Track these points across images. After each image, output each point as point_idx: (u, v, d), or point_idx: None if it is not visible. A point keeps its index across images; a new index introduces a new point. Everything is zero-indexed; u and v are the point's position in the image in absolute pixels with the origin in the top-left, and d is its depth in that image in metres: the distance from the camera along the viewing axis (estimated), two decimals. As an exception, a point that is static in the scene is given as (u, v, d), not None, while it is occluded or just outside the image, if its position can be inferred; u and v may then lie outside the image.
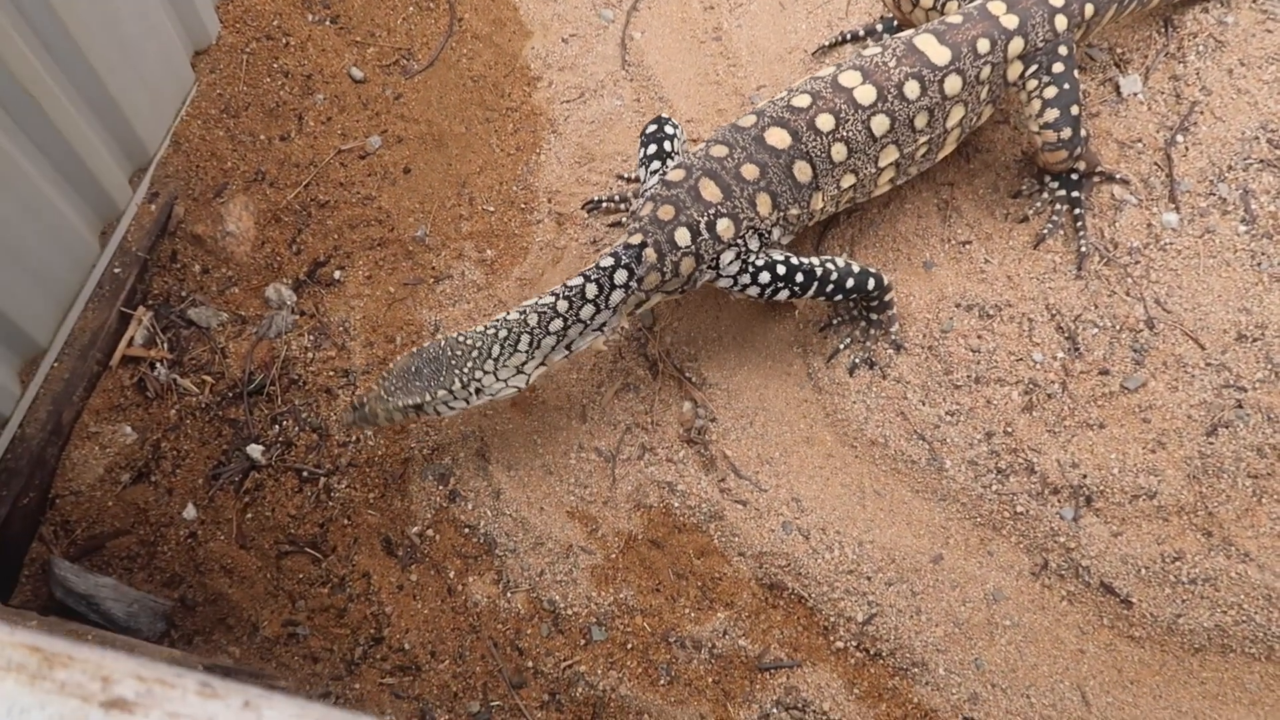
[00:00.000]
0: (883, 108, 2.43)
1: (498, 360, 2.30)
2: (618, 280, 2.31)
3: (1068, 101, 2.59)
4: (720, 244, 2.36)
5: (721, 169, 2.36)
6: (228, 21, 3.14)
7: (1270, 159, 2.81)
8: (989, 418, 2.58)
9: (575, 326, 2.33)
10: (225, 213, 2.86)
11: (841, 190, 2.49)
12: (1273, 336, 2.60)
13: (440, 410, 2.34)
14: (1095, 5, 2.65)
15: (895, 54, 2.48)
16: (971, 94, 2.53)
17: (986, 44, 2.50)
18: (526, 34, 3.22)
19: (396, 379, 2.31)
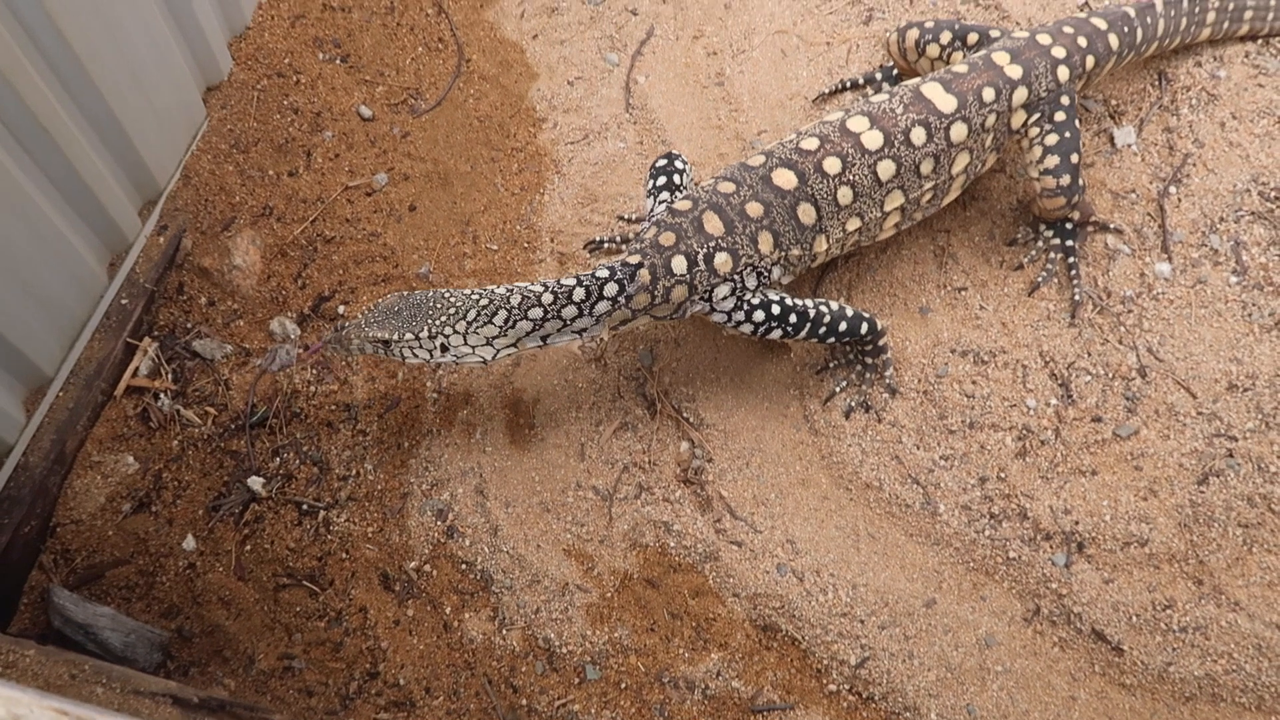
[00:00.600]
0: (889, 153, 2.48)
1: (470, 324, 2.33)
2: (607, 292, 2.35)
3: (1068, 149, 2.65)
4: (715, 277, 2.40)
5: (727, 204, 2.41)
6: (240, 59, 3.20)
7: (1261, 211, 2.86)
8: (983, 463, 2.61)
9: (554, 322, 2.37)
10: (233, 246, 2.90)
11: (847, 233, 2.53)
12: (1263, 387, 2.63)
13: (404, 354, 2.36)
14: (1096, 57, 2.72)
15: (902, 101, 2.53)
16: (977, 141, 2.59)
17: (991, 93, 2.56)
18: (533, 76, 3.28)
19: (378, 314, 2.35)
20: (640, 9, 3.40)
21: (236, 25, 3.23)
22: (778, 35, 3.31)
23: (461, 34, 3.33)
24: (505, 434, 2.72)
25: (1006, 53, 2.62)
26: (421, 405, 2.76)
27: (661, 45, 3.33)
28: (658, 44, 3.33)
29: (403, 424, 2.72)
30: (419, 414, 2.74)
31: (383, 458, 2.68)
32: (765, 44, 3.29)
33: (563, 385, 2.77)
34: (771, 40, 3.30)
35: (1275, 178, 2.90)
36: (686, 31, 3.34)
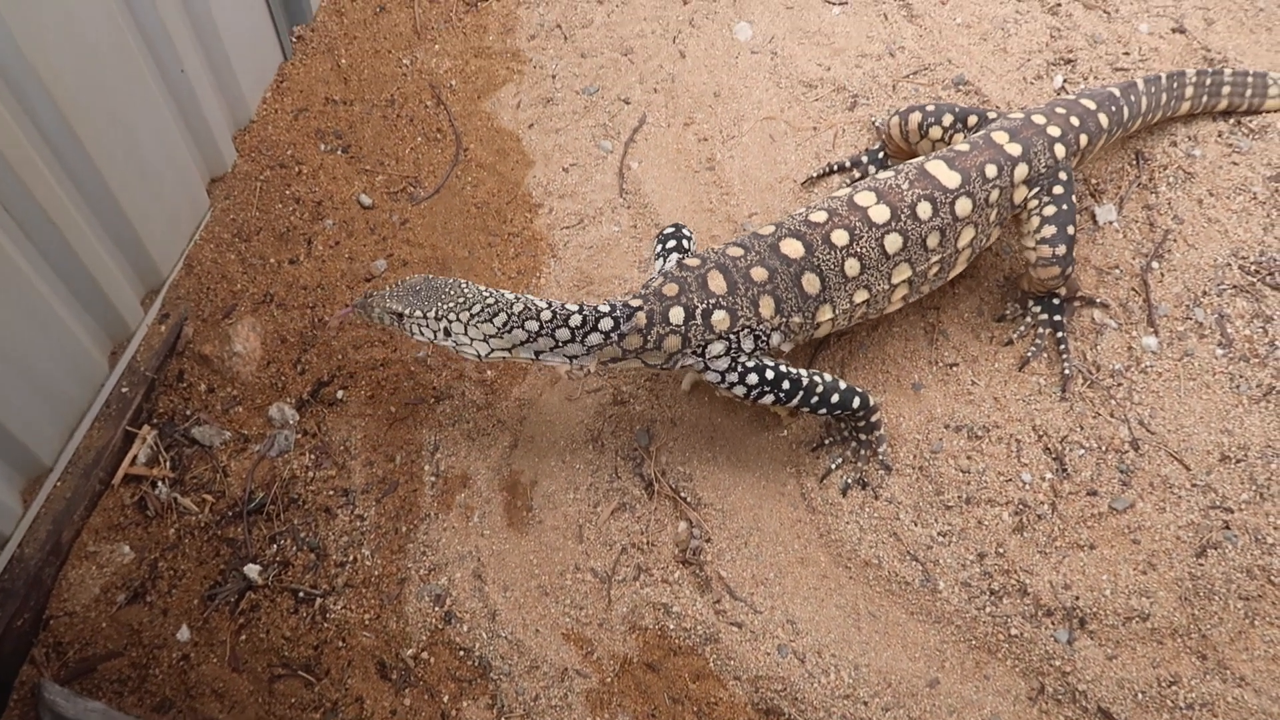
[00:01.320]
0: (896, 226, 2.54)
1: (474, 317, 2.43)
2: (602, 326, 2.41)
3: (1064, 221, 2.72)
4: (710, 333, 2.44)
5: (733, 266, 2.48)
6: (244, 151, 3.29)
7: (1243, 284, 2.92)
8: (981, 538, 2.61)
9: (546, 339, 2.44)
10: (233, 333, 2.94)
11: (854, 305, 2.57)
12: (1255, 458, 2.65)
13: (412, 330, 2.49)
14: (1089, 135, 2.82)
15: (908, 177, 2.61)
16: (981, 216, 2.66)
17: (994, 169, 2.64)
18: (529, 163, 3.37)
19: (400, 289, 2.50)
20: (632, 98, 3.50)
21: (241, 119, 3.33)
22: (766, 121, 3.41)
23: (459, 124, 3.43)
24: (503, 516, 2.72)
25: (1005, 132, 2.72)
26: (419, 489, 2.76)
27: (654, 132, 3.43)
28: (650, 131, 3.43)
29: (400, 508, 2.73)
30: (416, 497, 2.75)
31: (380, 543, 2.67)
32: (754, 130, 3.39)
33: (560, 466, 2.78)
34: (760, 126, 3.40)
35: (1254, 252, 2.97)
36: (677, 119, 3.45)
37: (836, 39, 3.58)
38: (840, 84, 3.45)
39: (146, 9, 2.70)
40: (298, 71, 3.49)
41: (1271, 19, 3.56)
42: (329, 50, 3.55)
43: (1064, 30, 3.55)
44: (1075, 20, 3.58)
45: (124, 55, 2.63)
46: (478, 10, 3.73)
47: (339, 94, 3.47)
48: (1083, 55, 3.48)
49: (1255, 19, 3.57)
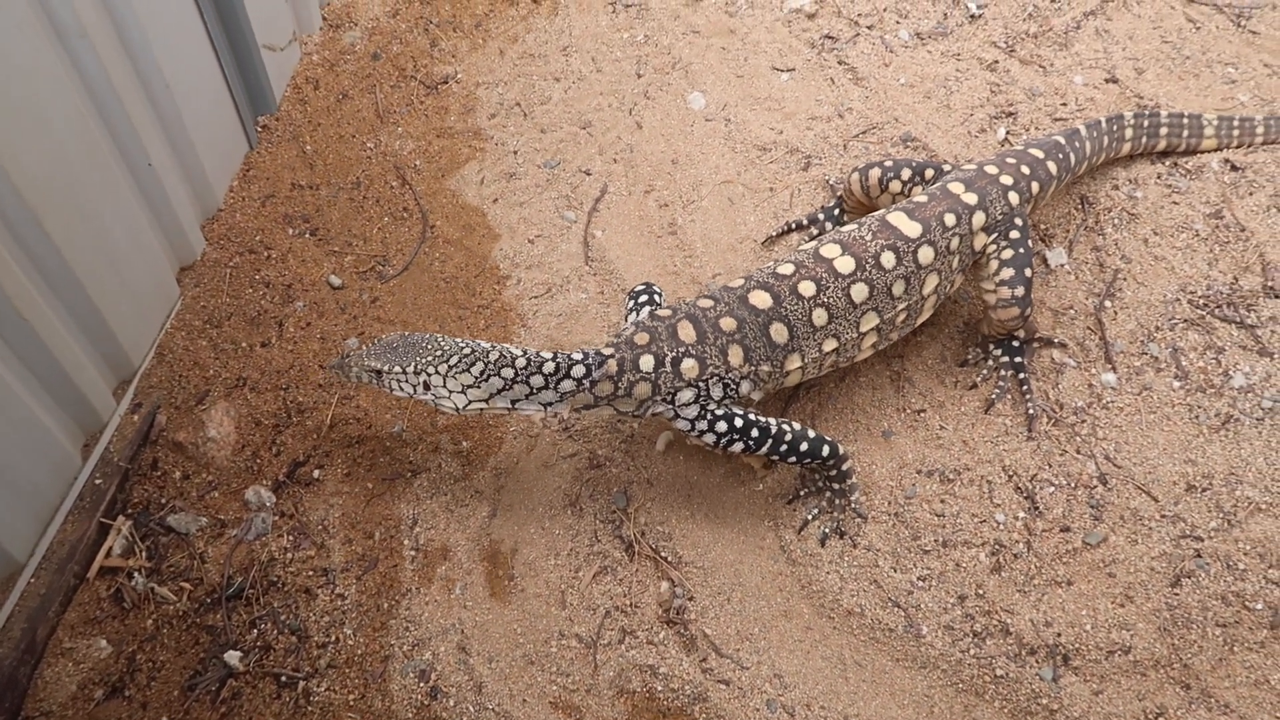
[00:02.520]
0: (861, 276, 2.62)
1: (452, 369, 2.48)
2: (574, 373, 2.47)
3: (1022, 264, 2.81)
4: (680, 380, 2.50)
5: (702, 317, 2.55)
6: (212, 239, 3.33)
7: (1193, 318, 3.02)
8: (960, 580, 2.63)
9: (521, 387, 2.49)
10: (207, 419, 2.94)
11: (824, 353, 2.64)
12: (1220, 485, 2.71)
13: (391, 386, 2.53)
14: (1039, 182, 2.94)
15: (870, 229, 2.71)
16: (944, 263, 2.74)
17: (952, 218, 2.74)
18: (495, 237, 3.44)
19: (378, 347, 2.56)
20: (593, 169, 3.60)
21: (209, 207, 3.38)
22: (724, 185, 3.51)
23: (425, 202, 3.50)
24: (485, 587, 2.72)
25: (961, 183, 2.83)
26: (399, 564, 2.75)
27: (615, 201, 3.52)
28: (612, 200, 3.51)
29: (381, 585, 2.71)
30: (397, 573, 2.74)
31: (362, 621, 2.65)
32: (713, 194, 3.49)
33: (540, 533, 2.79)
34: (718, 190, 3.50)
35: (1201, 286, 3.07)
36: (638, 187, 3.54)
37: (787, 103, 3.71)
38: (793, 146, 3.57)
39: (113, 106, 2.77)
40: (264, 160, 3.56)
41: (1197, 66, 3.75)
42: (294, 138, 3.63)
43: (1003, 85, 3.71)
44: (1013, 75, 3.74)
45: (91, 151, 2.69)
46: (438, 93, 3.84)
47: (305, 179, 3.53)
48: (1023, 108, 3.63)
49: (1182, 66, 3.76)
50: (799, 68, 3.84)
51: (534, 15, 4.10)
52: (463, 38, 4.03)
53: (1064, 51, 3.83)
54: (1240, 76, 3.71)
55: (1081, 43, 3.86)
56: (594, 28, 4.04)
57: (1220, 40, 3.84)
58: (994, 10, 3.96)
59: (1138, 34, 3.88)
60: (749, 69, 3.85)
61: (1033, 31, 3.89)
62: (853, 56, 3.84)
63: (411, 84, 3.85)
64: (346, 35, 3.94)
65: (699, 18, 4.04)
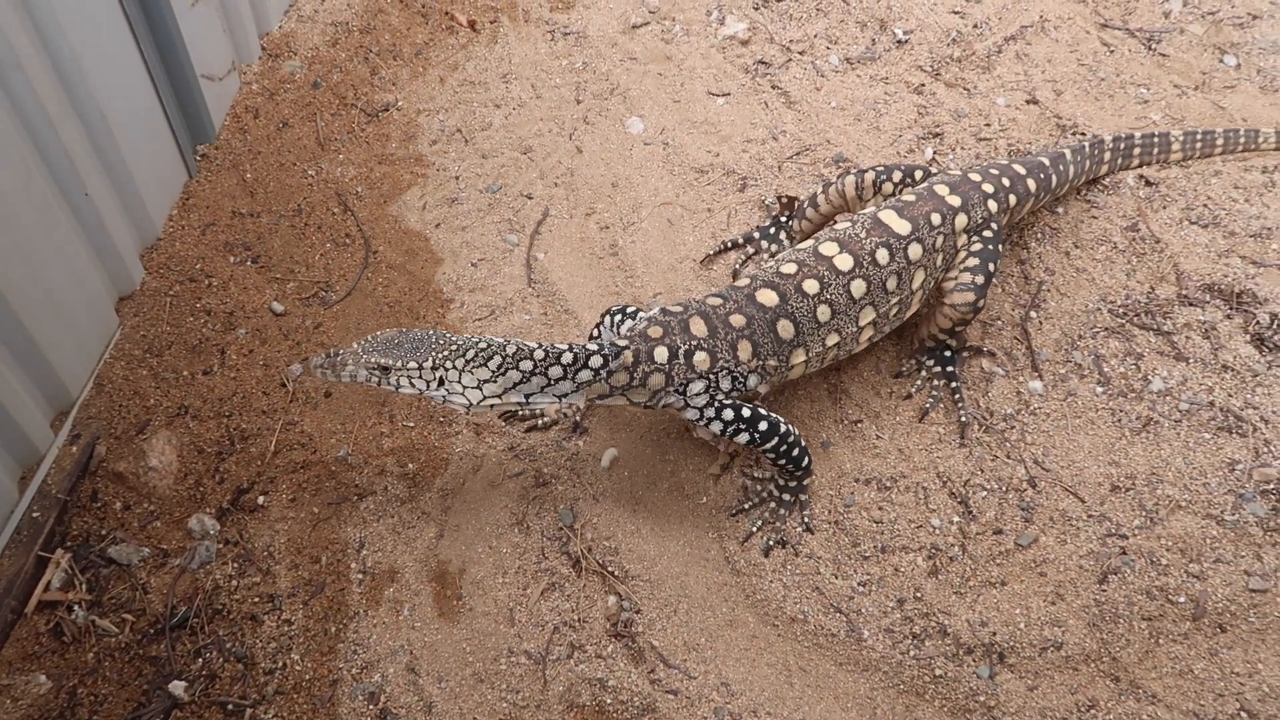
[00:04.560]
0: (860, 272, 2.75)
1: (469, 363, 2.49)
2: (592, 364, 2.53)
3: (988, 258, 2.95)
4: (692, 373, 2.60)
5: (713, 314, 2.66)
6: (152, 268, 3.32)
7: (1113, 326, 3.16)
8: (898, 585, 2.71)
9: (539, 379, 2.52)
10: (148, 448, 2.92)
11: (827, 348, 2.76)
12: (1142, 485, 2.83)
13: (400, 383, 2.50)
14: (1017, 197, 3.09)
15: (864, 227, 2.83)
16: (930, 260, 2.87)
17: (938, 218, 2.87)
18: (438, 261, 3.47)
19: (377, 343, 2.51)
20: (535, 193, 3.66)
21: (148, 237, 3.37)
22: (663, 207, 3.59)
23: (367, 228, 3.53)
24: (433, 607, 2.73)
25: (945, 185, 2.98)
26: (347, 588, 2.75)
27: (557, 224, 3.57)
28: (553, 223, 3.57)
29: (329, 609, 2.71)
30: (344, 597, 2.73)
31: (310, 646, 2.64)
32: (653, 215, 3.57)
33: (487, 552, 2.81)
34: (658, 211, 3.58)
35: (1121, 296, 3.21)
36: (579, 210, 3.60)
37: (723, 127, 3.81)
38: (730, 168, 3.67)
39: (49, 137, 2.76)
40: (203, 188, 3.56)
41: (1111, 87, 3.93)
42: (234, 166, 3.63)
43: (929, 107, 3.85)
44: (939, 98, 3.89)
45: (26, 182, 2.67)
46: (379, 120, 3.87)
47: (246, 207, 3.53)
48: (949, 129, 3.77)
49: (1098, 88, 3.93)
50: (734, 92, 3.95)
51: (474, 43, 4.16)
52: (403, 66, 4.07)
53: (987, 75, 3.99)
54: (1152, 97, 3.90)
55: (1003, 66, 4.02)
56: (533, 55, 4.11)
57: (1133, 63, 4.04)
58: (920, 36, 4.12)
59: (1056, 57, 4.05)
60: (686, 94, 3.95)
61: (957, 56, 4.05)
62: (785, 81, 3.96)
63: (352, 112, 3.88)
64: (286, 64, 3.96)
65: (636, 45, 4.13)
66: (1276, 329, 3.11)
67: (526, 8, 4.28)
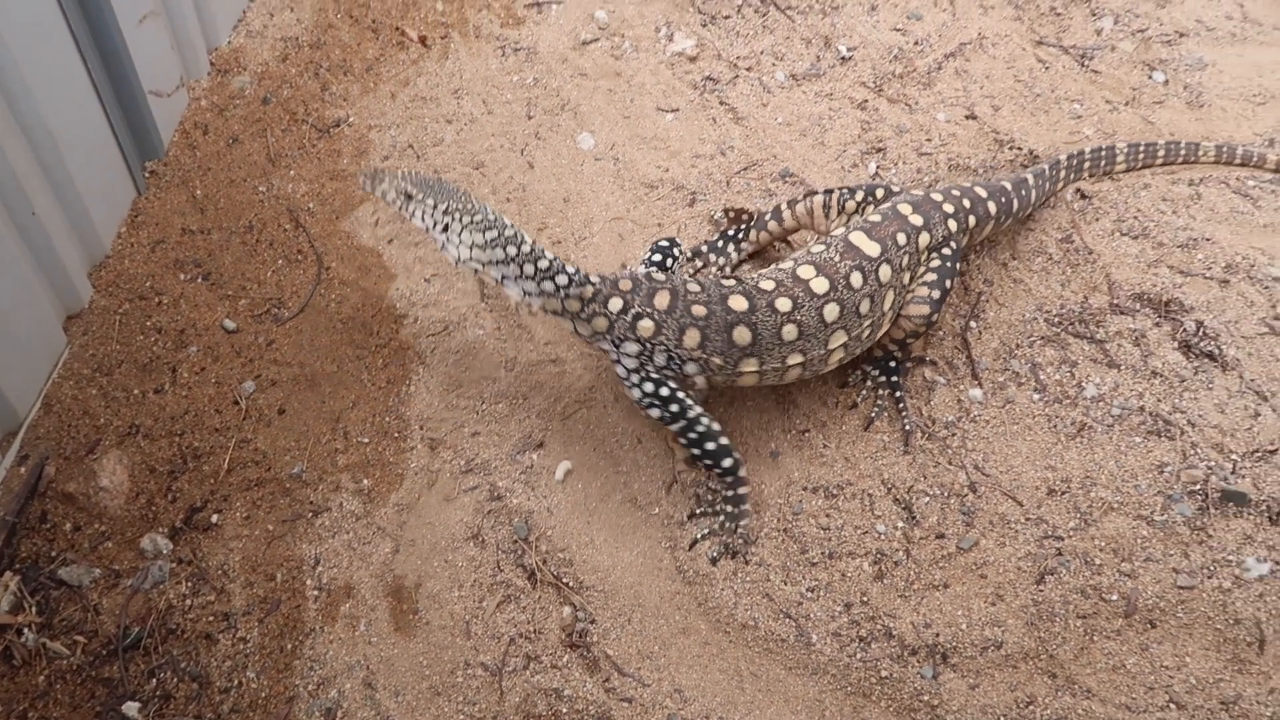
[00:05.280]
0: (834, 296, 2.83)
1: (472, 222, 2.77)
2: (558, 280, 2.75)
3: (946, 275, 3.06)
4: (632, 334, 2.74)
5: (683, 294, 2.77)
6: (100, 286, 3.30)
7: (1049, 335, 3.28)
8: (845, 589, 2.79)
9: (516, 266, 2.76)
10: (99, 468, 2.91)
11: (787, 365, 2.83)
12: (1077, 488, 2.94)
13: (414, 212, 2.84)
14: (977, 218, 3.19)
15: (838, 250, 2.91)
16: (898, 279, 2.96)
17: (904, 237, 2.97)
18: (391, 277, 3.49)
19: (416, 177, 2.86)
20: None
21: (96, 255, 3.35)
22: (614, 222, 3.65)
23: (319, 244, 3.54)
24: (390, 622, 2.75)
25: (909, 204, 3.07)
26: (303, 605, 2.76)
27: (510, 239, 3.61)
28: (506, 238, 3.61)
29: (284, 626, 2.72)
30: (300, 614, 2.75)
31: (265, 663, 2.65)
32: (604, 230, 3.62)
33: (443, 566, 2.84)
34: (609, 226, 3.63)
35: (1056, 305, 3.34)
36: (531, 224, 3.65)
37: (672, 143, 3.89)
38: (679, 183, 3.74)
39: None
40: (152, 205, 3.54)
41: (1047, 103, 4.07)
42: (183, 183, 3.62)
43: (873, 123, 3.96)
44: (881, 114, 4.00)
45: (-28, 202, 2.66)
46: (330, 136, 3.88)
47: (196, 224, 3.53)
48: (891, 144, 3.88)
49: (1034, 104, 4.07)
50: (683, 108, 4.02)
51: (424, 59, 4.19)
52: (354, 81, 4.08)
53: (927, 90, 4.11)
54: (1085, 112, 4.05)
55: (943, 82, 4.15)
56: (484, 71, 4.15)
57: (1067, 79, 4.18)
58: (863, 53, 4.23)
59: (993, 74, 4.19)
60: (635, 110, 4.01)
61: (898, 72, 4.16)
62: (733, 97, 4.05)
63: (303, 128, 3.88)
64: (236, 80, 3.96)
65: (586, 61, 4.19)
66: (1202, 336, 3.25)
67: (477, 24, 4.32)
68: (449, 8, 4.38)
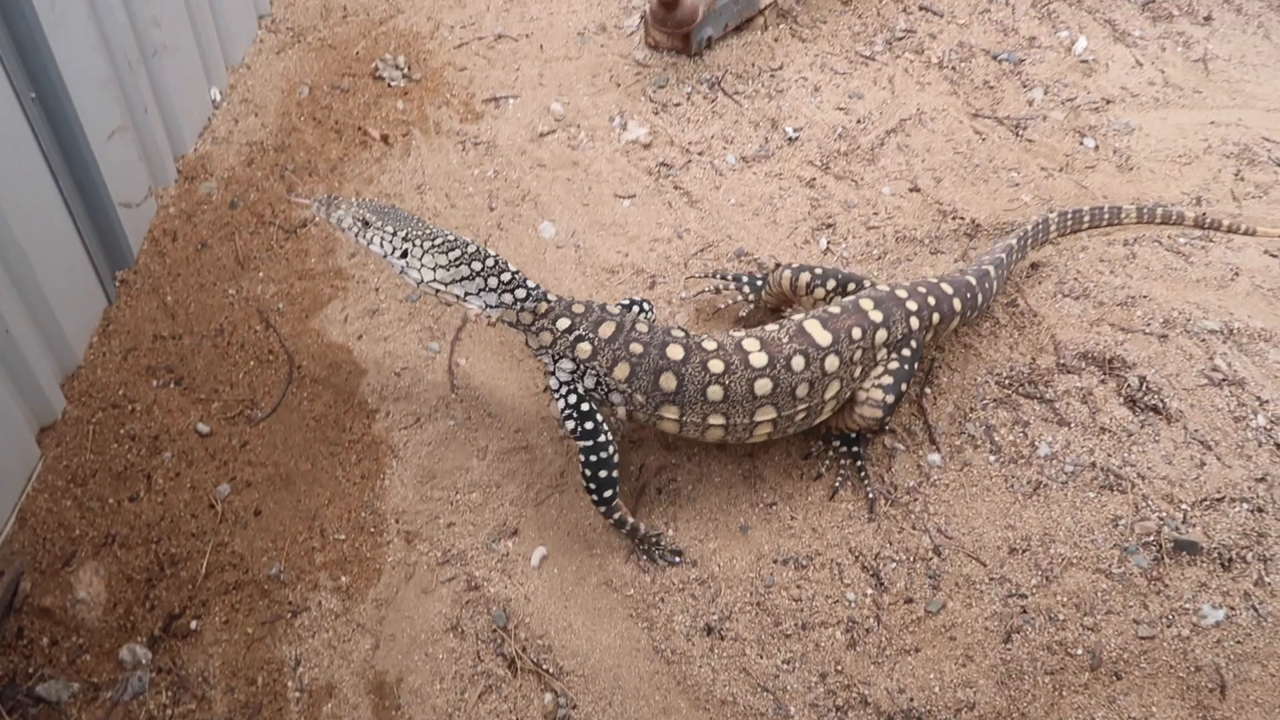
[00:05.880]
0: (769, 373, 2.92)
1: (432, 246, 2.90)
2: (517, 293, 2.91)
3: (902, 377, 3.12)
4: (570, 352, 2.90)
5: (624, 329, 2.91)
6: (73, 396, 3.35)
7: (1000, 397, 3.41)
8: (820, 659, 2.85)
9: (480, 280, 2.90)
10: (75, 580, 2.92)
11: (708, 424, 2.93)
12: (1037, 546, 3.04)
13: (372, 240, 2.93)
14: (941, 315, 3.26)
15: (788, 332, 3.01)
16: (847, 372, 3.04)
17: (859, 332, 3.04)
18: (361, 372, 3.57)
19: (370, 205, 2.98)
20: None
21: (68, 366, 3.40)
22: (578, 307, 3.76)
23: (290, 343, 3.61)
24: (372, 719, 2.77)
25: (870, 300, 3.14)
26: (285, 708, 2.78)
27: (476, 329, 3.71)
28: (473, 328, 3.71)
29: (266, 730, 2.73)
30: (282, 716, 2.76)
31: (249, 769, 2.66)
32: (568, 316, 3.73)
33: (424, 660, 2.87)
34: (573, 312, 3.74)
35: (1005, 368, 3.48)
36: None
37: (630, 228, 4.03)
38: (639, 267, 3.87)
39: (-32, 279, 2.81)
40: (123, 314, 3.61)
41: (985, 173, 4.27)
42: (154, 290, 3.70)
43: (821, 200, 4.13)
44: (829, 190, 4.17)
45: (-53, 325, 2.71)
46: (297, 236, 3.99)
47: (167, 330, 3.60)
48: (840, 219, 4.05)
49: (973, 174, 4.27)
50: (639, 194, 4.18)
51: (387, 157, 4.32)
52: (319, 181, 4.20)
53: (872, 166, 4.30)
54: (1022, 179, 4.25)
55: (886, 157, 4.34)
56: (446, 165, 4.29)
57: (1003, 149, 4.40)
58: (808, 133, 4.42)
59: (933, 147, 4.39)
60: (593, 197, 4.16)
61: (843, 150, 4.36)
62: (687, 181, 4.21)
63: (270, 229, 3.99)
64: (202, 186, 4.07)
65: (544, 152, 4.35)
66: (1145, 391, 3.39)
67: (438, 120, 4.48)
68: (409, 105, 4.53)
